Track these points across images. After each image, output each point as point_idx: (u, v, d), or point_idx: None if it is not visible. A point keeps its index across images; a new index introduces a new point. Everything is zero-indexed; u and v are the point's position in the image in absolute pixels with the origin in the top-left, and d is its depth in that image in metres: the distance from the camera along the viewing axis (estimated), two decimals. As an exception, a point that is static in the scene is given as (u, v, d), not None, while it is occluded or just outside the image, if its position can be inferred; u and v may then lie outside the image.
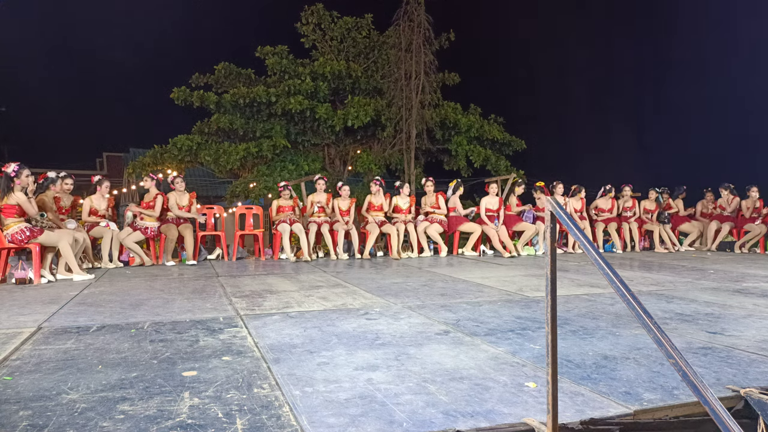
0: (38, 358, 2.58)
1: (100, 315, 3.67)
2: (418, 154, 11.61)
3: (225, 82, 11.94)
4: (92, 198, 7.02)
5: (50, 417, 1.84)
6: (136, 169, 10.89)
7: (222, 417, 1.84)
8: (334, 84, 11.47)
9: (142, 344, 2.86)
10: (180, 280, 5.58)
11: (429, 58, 11.08)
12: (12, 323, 3.41)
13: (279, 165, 11.12)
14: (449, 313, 3.68)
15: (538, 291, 4.67)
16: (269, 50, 11.63)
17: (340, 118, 10.84)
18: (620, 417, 1.87)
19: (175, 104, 10.99)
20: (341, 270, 6.44)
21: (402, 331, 3.17)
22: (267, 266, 6.96)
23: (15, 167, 5.45)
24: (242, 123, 10.98)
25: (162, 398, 2.03)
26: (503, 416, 1.87)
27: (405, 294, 4.53)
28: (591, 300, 4.20)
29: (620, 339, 2.94)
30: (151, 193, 7.35)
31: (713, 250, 9.13)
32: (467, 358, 2.59)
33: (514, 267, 6.67)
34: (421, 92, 10.96)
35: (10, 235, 5.46)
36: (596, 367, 2.44)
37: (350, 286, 5.03)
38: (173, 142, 10.98)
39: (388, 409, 1.92)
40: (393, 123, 11.28)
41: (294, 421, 1.81)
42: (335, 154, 12.29)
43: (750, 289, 4.79)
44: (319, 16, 12.19)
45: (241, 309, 3.87)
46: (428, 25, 11.02)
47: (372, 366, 2.45)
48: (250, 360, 2.55)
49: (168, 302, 4.16)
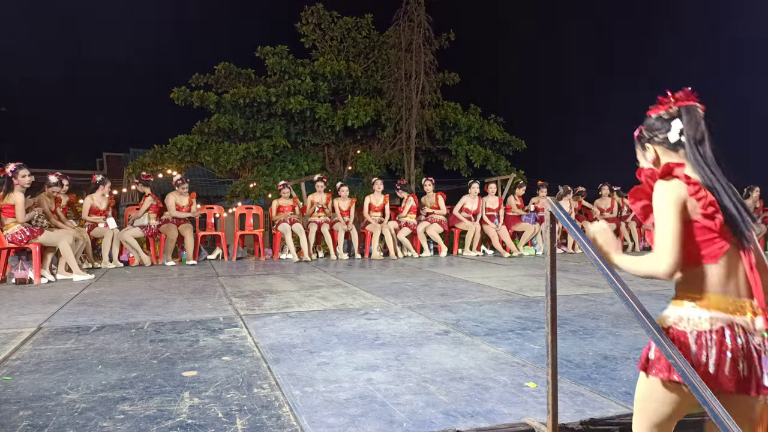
0: (38, 358, 2.59)
1: (100, 315, 3.67)
2: (418, 154, 11.61)
3: (225, 82, 11.93)
4: (93, 197, 7.01)
5: (50, 417, 1.84)
6: (136, 169, 10.88)
7: (222, 417, 1.84)
8: (334, 84, 11.47)
9: (142, 344, 2.86)
10: (180, 280, 5.58)
11: (429, 58, 11.08)
12: (12, 323, 3.41)
13: (279, 165, 11.12)
14: (449, 313, 3.68)
15: (538, 291, 4.67)
16: (269, 50, 11.63)
17: (340, 118, 10.84)
18: (620, 417, 1.87)
19: (175, 104, 10.98)
20: (341, 270, 6.44)
21: (402, 331, 3.17)
22: (267, 266, 6.96)
23: (12, 167, 5.45)
24: (242, 123, 10.97)
25: (162, 398, 2.03)
26: (503, 416, 1.87)
27: (405, 294, 4.53)
28: (591, 300, 4.20)
29: (620, 339, 2.94)
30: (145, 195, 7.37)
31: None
32: (467, 358, 2.59)
33: (514, 267, 6.67)
34: (421, 92, 10.96)
35: (10, 235, 5.46)
36: (596, 367, 2.44)
37: (350, 286, 5.03)
38: (173, 142, 10.97)
39: (388, 409, 1.92)
40: (393, 123, 11.27)
41: (294, 421, 1.81)
42: (335, 154, 12.29)
43: (750, 289, 4.78)
44: (319, 16, 12.19)
45: (241, 309, 3.87)
46: (428, 25, 11.02)
47: (372, 366, 2.45)
48: (250, 360, 2.55)
49: (168, 302, 4.16)
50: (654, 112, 1.53)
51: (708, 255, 1.33)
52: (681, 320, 1.32)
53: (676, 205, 1.33)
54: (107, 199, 7.15)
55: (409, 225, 8.20)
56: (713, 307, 1.29)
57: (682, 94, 1.51)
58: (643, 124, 1.58)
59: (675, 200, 1.34)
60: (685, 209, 1.34)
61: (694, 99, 1.49)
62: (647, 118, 1.57)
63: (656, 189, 1.39)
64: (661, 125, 1.51)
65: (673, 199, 1.34)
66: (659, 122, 1.51)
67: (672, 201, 1.34)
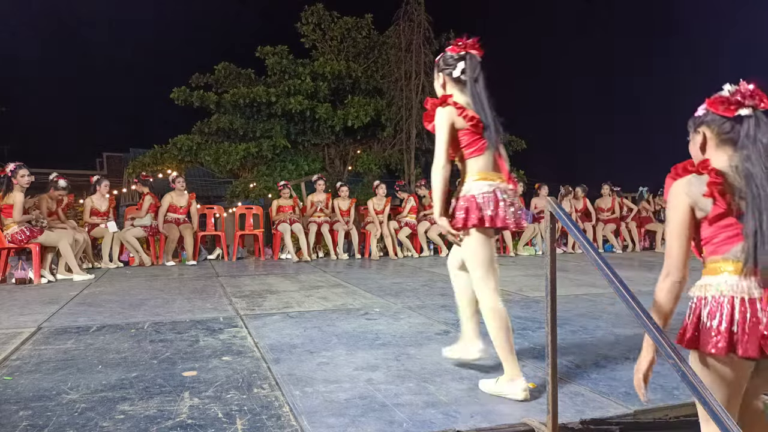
0: (38, 358, 2.58)
1: (100, 315, 3.67)
2: (418, 154, 11.60)
3: (225, 82, 11.92)
4: (93, 198, 7.01)
5: (50, 417, 1.84)
6: (136, 169, 10.87)
7: (222, 417, 1.84)
8: (334, 84, 11.46)
9: (142, 344, 2.86)
10: (180, 280, 5.58)
11: (429, 58, 11.07)
12: (12, 323, 3.41)
13: (279, 165, 11.12)
14: (449, 313, 3.68)
15: (538, 291, 4.66)
16: (269, 50, 11.62)
17: (340, 118, 10.83)
18: (620, 417, 1.87)
19: (175, 104, 10.98)
20: (341, 270, 6.43)
21: (402, 331, 3.17)
22: (267, 266, 6.96)
23: (12, 167, 5.45)
24: (242, 123, 10.97)
25: (162, 398, 2.03)
26: (503, 416, 1.87)
27: (405, 294, 4.53)
28: (591, 300, 4.20)
29: (620, 339, 2.94)
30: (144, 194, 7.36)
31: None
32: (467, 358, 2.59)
33: (514, 267, 6.67)
34: (421, 92, 10.96)
35: (10, 235, 5.46)
36: (596, 367, 2.44)
37: (350, 286, 5.03)
38: (173, 142, 10.97)
39: (388, 409, 1.92)
40: (393, 123, 11.27)
41: (294, 422, 1.81)
42: (335, 154, 12.29)
43: (750, 289, 4.78)
44: (319, 16, 12.18)
45: (241, 309, 3.87)
46: (428, 25, 11.02)
47: (372, 366, 2.45)
48: (250, 360, 2.55)
49: (168, 302, 4.16)
50: (450, 51, 2.25)
51: (474, 150, 2.16)
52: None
53: (447, 121, 2.13)
54: (107, 200, 7.14)
55: (410, 225, 8.20)
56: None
57: (469, 42, 2.18)
58: (441, 56, 2.26)
59: (447, 118, 2.13)
60: (453, 124, 2.13)
61: (476, 48, 2.20)
62: (445, 53, 2.28)
63: (436, 112, 2.18)
64: (452, 62, 2.22)
65: (445, 118, 2.13)
66: (451, 60, 2.23)
67: (444, 119, 2.13)
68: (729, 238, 1.34)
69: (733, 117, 1.40)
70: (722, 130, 1.42)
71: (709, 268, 1.38)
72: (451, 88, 2.22)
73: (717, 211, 1.34)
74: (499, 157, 2.20)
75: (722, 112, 1.42)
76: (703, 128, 1.46)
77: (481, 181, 2.10)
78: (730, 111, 1.41)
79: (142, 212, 7.16)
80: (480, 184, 2.10)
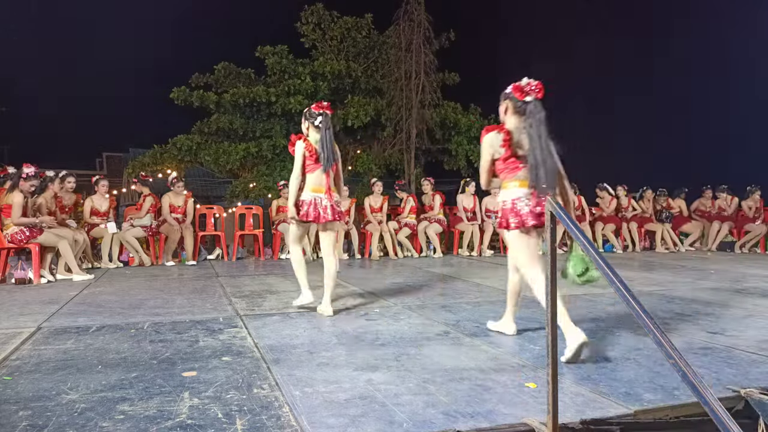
0: (38, 359, 2.58)
1: (99, 315, 3.67)
2: (418, 154, 11.59)
3: (225, 81, 11.91)
4: (93, 199, 7.00)
5: (50, 417, 1.84)
6: (136, 169, 10.86)
7: (222, 417, 1.84)
8: (334, 84, 11.45)
9: (141, 344, 2.86)
10: (180, 280, 5.58)
11: (429, 58, 11.06)
12: (12, 323, 3.41)
13: (279, 165, 11.10)
14: (449, 314, 3.68)
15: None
16: (269, 50, 11.61)
17: (340, 118, 10.82)
18: (620, 417, 1.87)
19: (175, 104, 10.96)
20: (341, 270, 6.43)
21: (402, 331, 3.17)
22: (267, 266, 6.96)
23: (28, 171, 5.53)
24: (242, 123, 10.96)
25: (162, 398, 2.03)
26: (503, 416, 1.87)
27: (405, 294, 4.53)
28: (591, 300, 4.20)
29: (620, 339, 2.94)
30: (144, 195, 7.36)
31: (713, 250, 9.12)
32: (467, 358, 2.59)
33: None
34: (421, 92, 10.95)
35: (10, 235, 5.46)
36: (596, 367, 2.44)
37: (350, 286, 5.03)
38: (173, 142, 10.96)
39: (388, 409, 1.92)
40: (393, 123, 11.25)
41: (294, 422, 1.81)
42: (335, 154, 12.25)
43: (750, 290, 4.79)
44: (319, 16, 12.17)
45: (240, 309, 3.87)
46: (428, 25, 11.00)
47: (372, 366, 2.45)
48: (249, 360, 2.55)
49: (168, 302, 4.16)
50: (314, 108, 3.66)
51: (309, 169, 3.66)
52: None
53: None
54: (108, 200, 7.14)
55: (409, 225, 8.20)
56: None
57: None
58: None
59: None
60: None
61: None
62: (310, 109, 3.70)
63: (296, 144, 3.60)
64: (315, 116, 3.63)
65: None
66: (314, 114, 3.65)
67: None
68: (512, 170, 2.68)
69: (522, 100, 2.60)
70: (516, 105, 2.63)
71: (504, 185, 2.73)
72: (311, 132, 3.70)
73: (506, 154, 2.65)
74: (327, 177, 3.72)
75: (518, 96, 2.61)
76: (507, 101, 2.69)
77: (309, 191, 3.74)
78: (522, 96, 2.60)
79: (142, 212, 7.15)
80: (308, 193, 3.74)
